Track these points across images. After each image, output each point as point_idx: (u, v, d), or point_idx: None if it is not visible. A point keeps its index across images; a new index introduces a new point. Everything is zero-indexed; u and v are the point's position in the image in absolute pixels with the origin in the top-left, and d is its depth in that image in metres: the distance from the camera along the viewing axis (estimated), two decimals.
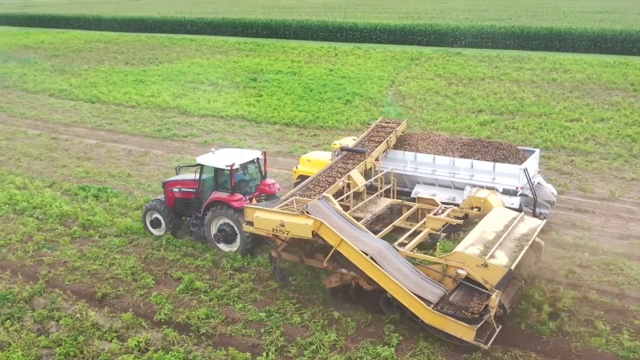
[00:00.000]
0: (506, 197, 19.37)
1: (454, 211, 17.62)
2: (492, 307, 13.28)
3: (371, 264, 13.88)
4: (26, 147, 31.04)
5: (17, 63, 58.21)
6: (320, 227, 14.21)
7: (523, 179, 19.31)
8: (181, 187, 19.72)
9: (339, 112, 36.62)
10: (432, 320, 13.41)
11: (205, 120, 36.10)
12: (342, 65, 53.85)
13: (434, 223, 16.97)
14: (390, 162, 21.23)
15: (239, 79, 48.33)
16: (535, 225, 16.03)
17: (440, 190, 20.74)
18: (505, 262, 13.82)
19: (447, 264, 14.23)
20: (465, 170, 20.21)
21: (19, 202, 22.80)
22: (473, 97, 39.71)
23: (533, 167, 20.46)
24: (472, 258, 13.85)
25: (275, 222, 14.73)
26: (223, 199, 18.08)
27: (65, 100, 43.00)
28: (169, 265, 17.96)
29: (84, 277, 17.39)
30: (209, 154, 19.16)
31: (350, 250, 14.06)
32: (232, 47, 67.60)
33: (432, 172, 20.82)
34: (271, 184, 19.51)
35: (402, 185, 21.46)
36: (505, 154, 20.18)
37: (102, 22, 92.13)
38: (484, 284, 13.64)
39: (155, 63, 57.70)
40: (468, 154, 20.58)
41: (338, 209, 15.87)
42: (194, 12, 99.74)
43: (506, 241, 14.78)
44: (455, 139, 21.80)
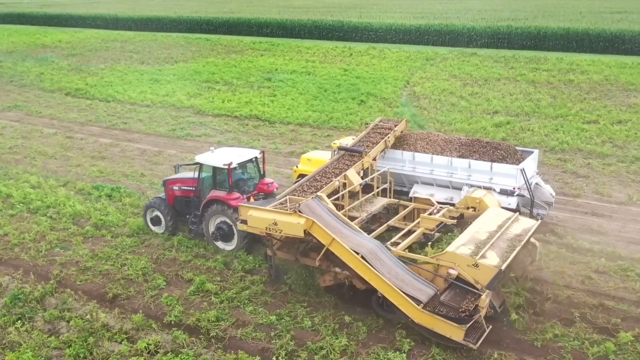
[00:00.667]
0: (503, 197, 19.30)
1: (449, 211, 17.56)
2: (482, 307, 13.31)
3: (362, 263, 13.90)
4: (41, 146, 31.13)
5: (34, 62, 58.57)
6: (312, 226, 14.25)
7: (520, 179, 19.17)
8: (181, 186, 19.87)
9: (353, 113, 36.38)
10: (421, 319, 13.39)
11: (219, 120, 36.02)
12: (356, 65, 53.59)
13: (428, 223, 16.92)
14: (389, 161, 21.17)
15: (254, 78, 48.26)
16: (530, 225, 15.89)
17: (438, 190, 20.69)
18: (496, 262, 13.75)
19: (438, 264, 14.24)
20: (463, 170, 20.15)
21: (33, 201, 22.81)
22: (488, 98, 39.30)
23: (531, 167, 20.34)
24: (463, 258, 13.83)
25: (269, 220, 14.81)
26: (221, 197, 18.15)
27: (81, 99, 43.15)
28: (180, 267, 17.85)
29: (96, 277, 17.33)
30: (208, 153, 19.28)
31: (341, 249, 14.08)
32: (247, 47, 67.60)
33: (430, 172, 20.78)
34: (269, 183, 19.52)
35: (400, 185, 21.50)
36: (503, 155, 20.11)
37: (119, 22, 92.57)
38: (474, 284, 13.63)
39: (171, 62, 57.81)
40: (466, 154, 20.52)
41: (331, 208, 15.86)
42: (209, 11, 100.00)
43: (498, 241, 14.72)
44: (454, 139, 21.71)
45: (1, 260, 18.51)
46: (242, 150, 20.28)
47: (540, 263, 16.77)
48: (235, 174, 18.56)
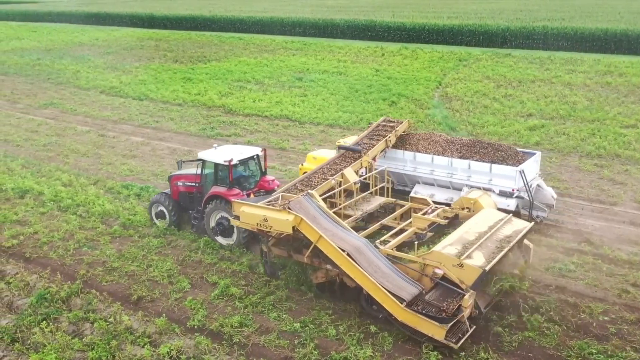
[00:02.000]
0: (502, 198, 19.19)
1: (444, 211, 17.40)
2: (465, 307, 13.29)
3: (347, 260, 14.01)
4: (74, 144, 31.34)
5: (71, 60, 59.31)
6: (300, 223, 14.47)
7: (519, 181, 18.90)
8: (185, 181, 20.21)
9: (383, 114, 35.61)
10: (404, 318, 13.41)
11: (249, 120, 35.84)
12: (388, 65, 52.95)
13: (420, 222, 16.85)
14: (391, 161, 21.27)
15: (285, 78, 48.02)
16: (521, 227, 15.70)
17: (438, 191, 20.61)
18: (481, 262, 13.65)
19: (424, 263, 14.24)
20: (463, 170, 20.06)
21: (64, 199, 22.87)
22: (522, 100, 38.32)
23: (532, 169, 20.13)
24: (449, 258, 13.81)
25: (259, 217, 15.11)
26: (221, 193, 18.44)
27: (115, 97, 43.43)
28: (205, 269, 17.61)
29: (121, 278, 17.20)
30: (211, 150, 19.60)
31: (328, 247, 14.22)
32: (280, 46, 67.42)
33: (430, 172, 20.73)
34: (270, 180, 19.75)
35: (403, 185, 21.60)
36: (504, 156, 19.94)
37: (155, 20, 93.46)
38: (459, 284, 13.59)
39: (204, 61, 57.94)
40: (467, 154, 20.38)
41: (321, 205, 15.90)
42: (243, 10, 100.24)
43: (487, 242, 14.62)
44: (456, 139, 21.62)
45: (30, 258, 18.52)
46: (244, 147, 20.54)
47: (578, 274, 16.10)
48: (236, 171, 18.92)
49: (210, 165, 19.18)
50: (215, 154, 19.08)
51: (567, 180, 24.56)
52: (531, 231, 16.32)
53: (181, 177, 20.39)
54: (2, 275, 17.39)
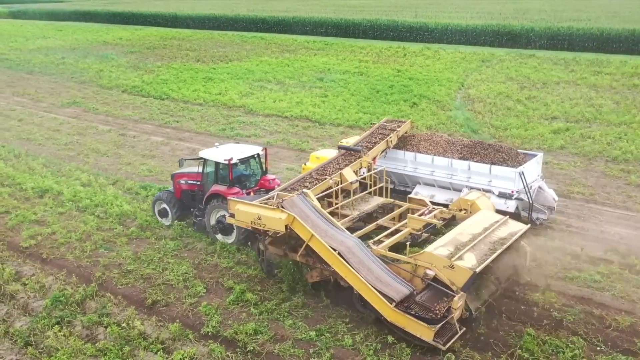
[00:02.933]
0: (502, 200, 19.14)
1: (441, 212, 17.30)
2: (455, 308, 13.21)
3: (338, 259, 14.02)
4: (95, 143, 31.31)
5: (95, 59, 59.62)
6: (293, 222, 14.61)
7: (519, 182, 18.76)
8: (187, 179, 20.37)
9: (404, 116, 35.20)
10: (393, 318, 13.37)
11: (269, 120, 35.54)
12: (410, 66, 52.30)
13: (415, 223, 16.77)
14: (392, 161, 21.34)
15: (306, 78, 47.66)
16: (517, 229, 15.52)
17: (439, 192, 20.56)
18: (472, 264, 13.55)
19: (416, 264, 14.19)
20: (463, 172, 20.00)
21: (82, 199, 22.76)
22: (547, 102, 37.47)
23: (533, 171, 19.96)
24: (440, 259, 13.73)
25: (254, 215, 15.28)
26: (221, 191, 18.55)
27: (137, 96, 43.46)
28: (221, 273, 17.30)
29: (137, 281, 16.97)
30: (212, 148, 19.76)
31: (319, 246, 14.27)
32: (301, 46, 67.08)
33: (430, 172, 20.68)
34: (271, 179, 19.82)
35: (404, 185, 21.64)
36: (504, 157, 19.82)
37: (178, 20, 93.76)
38: (450, 285, 13.48)
39: (225, 61, 57.84)
40: (467, 155, 20.30)
41: (315, 205, 15.87)
42: (266, 10, 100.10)
43: (480, 244, 14.52)
44: (457, 140, 21.56)
45: (47, 259, 18.40)
46: (245, 146, 20.59)
47: None
48: (237, 170, 19.10)
49: (211, 164, 19.34)
50: (216, 152, 19.23)
51: (592, 185, 23.84)
52: (527, 233, 16.05)
53: (183, 175, 20.57)
54: (19, 277, 17.27)
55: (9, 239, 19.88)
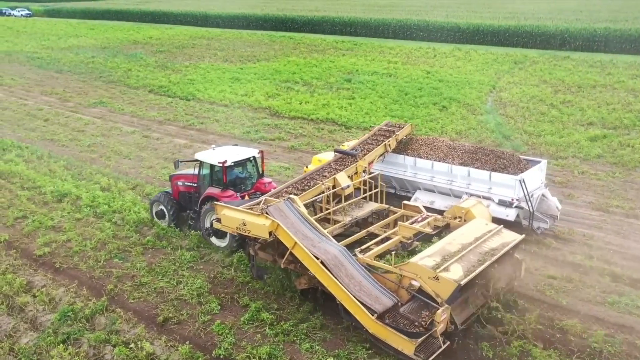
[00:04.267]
0: (502, 208, 18.58)
1: (435, 220, 16.52)
2: (438, 322, 12.58)
3: (321, 268, 13.59)
4: (118, 145, 30.75)
5: (124, 58, 59.46)
6: (277, 229, 14.30)
7: (519, 190, 18.09)
8: (184, 181, 20.09)
9: (433, 120, 34.02)
10: (375, 330, 12.85)
11: (294, 123, 34.61)
12: (440, 67, 50.92)
13: (406, 231, 16.07)
14: (392, 166, 20.92)
15: (333, 79, 46.65)
16: (510, 240, 14.73)
17: (439, 198, 20.03)
18: (457, 276, 12.86)
19: (401, 274, 13.62)
20: (463, 178, 19.46)
21: (101, 204, 22.08)
22: (582, 107, 35.83)
23: (536, 178, 19.26)
24: (424, 269, 13.11)
25: (239, 220, 14.93)
26: (215, 194, 18.23)
27: (163, 96, 42.95)
28: (237, 288, 16.38)
29: (149, 295, 16.16)
30: (208, 150, 19.54)
31: (302, 254, 13.91)
32: (330, 46, 66.11)
33: (430, 178, 20.15)
34: (267, 182, 19.39)
35: (405, 191, 21.14)
36: (506, 164, 19.27)
37: (208, 19, 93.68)
38: (435, 297, 12.92)
39: (253, 61, 57.17)
40: (468, 161, 19.74)
41: (302, 211, 15.48)
42: (295, 9, 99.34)
43: (469, 254, 13.82)
44: (458, 145, 21.00)
45: (60, 269, 17.71)
46: (242, 149, 20.10)
47: None
48: (232, 173, 18.91)
49: (206, 166, 19.08)
50: (212, 154, 18.95)
51: (632, 199, 22.35)
52: (522, 244, 15.25)
53: (181, 176, 20.29)
54: (30, 287, 16.60)
55: (23, 246, 19.28)
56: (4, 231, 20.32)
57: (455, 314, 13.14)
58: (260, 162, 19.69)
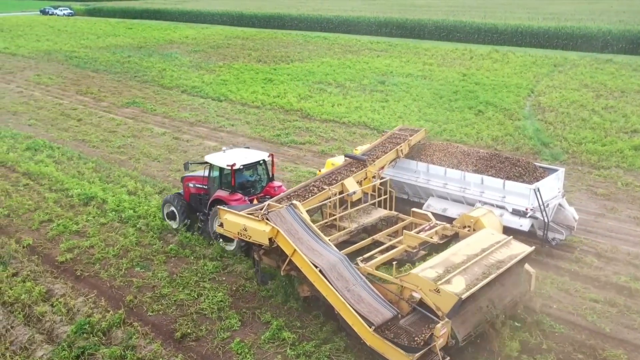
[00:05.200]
0: (515, 218, 17.82)
1: (444, 229, 15.96)
2: (437, 336, 11.98)
3: (319, 276, 13.17)
4: (148, 147, 30.37)
5: (159, 57, 59.48)
6: (277, 235, 14.02)
7: (534, 199, 17.31)
8: (195, 183, 19.92)
9: (469, 125, 32.79)
10: (372, 342, 12.28)
11: (326, 126, 33.78)
12: (476, 69, 49.46)
13: (411, 240, 15.51)
14: (404, 172, 20.37)
15: (367, 81, 45.65)
16: (518, 252, 14.00)
17: (452, 205, 19.29)
18: (459, 289, 12.23)
19: (402, 285, 13.06)
20: (476, 185, 18.73)
21: (126, 209, 21.60)
22: (626, 113, 34.11)
23: (553, 187, 18.43)
24: (426, 281, 12.52)
25: (240, 225, 14.72)
26: (223, 197, 17.99)
27: (196, 97, 42.59)
28: (259, 303, 15.63)
29: (169, 307, 15.52)
30: (219, 153, 19.41)
31: (301, 261, 13.56)
32: (364, 47, 65.07)
33: (443, 185, 19.45)
34: (277, 186, 19.12)
35: (418, 197, 20.50)
36: (521, 172, 18.47)
37: (244, 18, 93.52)
38: (436, 310, 12.35)
39: (287, 61, 56.52)
40: (482, 168, 19.01)
41: (304, 217, 15.02)
42: (331, 9, 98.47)
43: (474, 266, 13.15)
44: (472, 151, 20.22)
45: (81, 277, 17.24)
46: (252, 152, 19.76)
47: None
48: (241, 176, 18.66)
49: (215, 169, 18.86)
50: (221, 157, 18.72)
51: None
52: (530, 256, 14.27)
53: (192, 178, 20.13)
54: (49, 296, 16.12)
55: (46, 251, 18.89)
56: (29, 235, 20.01)
57: (456, 328, 12.47)
58: (271, 166, 19.30)
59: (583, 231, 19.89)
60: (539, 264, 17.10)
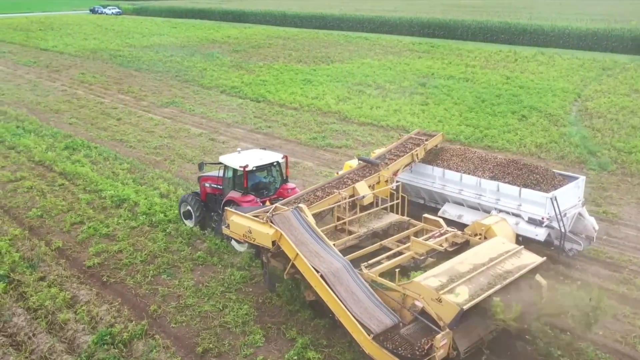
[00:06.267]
0: (531, 227, 17.11)
1: (454, 236, 15.40)
2: (437, 347, 11.49)
3: (320, 282, 12.91)
4: (183, 148, 30.03)
5: (201, 57, 59.46)
6: (280, 238, 13.90)
7: (550, 208, 16.57)
8: (211, 183, 19.84)
9: (511, 130, 31.39)
10: (371, 350, 11.93)
11: (363, 130, 32.86)
12: (521, 72, 47.73)
13: (419, 247, 15.07)
14: (420, 177, 19.86)
15: (407, 83, 44.49)
16: (528, 262, 13.43)
17: (468, 212, 18.62)
18: (462, 299, 11.74)
19: (405, 293, 12.66)
20: (492, 192, 18.08)
21: (157, 213, 21.18)
22: None
23: (573, 196, 17.62)
24: (428, 290, 12.12)
25: (245, 227, 14.62)
26: (235, 198, 17.95)
27: (234, 97, 42.21)
28: (285, 318, 14.91)
29: (193, 319, 14.93)
30: (233, 154, 19.39)
31: (303, 266, 13.35)
32: (406, 48, 63.76)
33: (458, 191, 18.83)
34: (291, 188, 18.87)
35: (435, 202, 19.87)
36: (538, 179, 17.73)
37: (287, 18, 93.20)
38: (437, 320, 11.91)
39: (327, 62, 55.73)
40: (499, 175, 18.30)
41: (309, 221, 14.73)
42: (374, 9, 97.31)
43: (479, 276, 12.65)
44: (490, 157, 19.54)
45: (107, 283, 16.84)
46: (266, 153, 19.54)
47: None
48: (255, 177, 18.61)
49: (229, 170, 18.76)
50: (235, 158, 18.68)
51: None
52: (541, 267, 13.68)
53: (209, 178, 20.08)
54: (74, 302, 15.73)
55: (75, 254, 18.59)
56: (60, 237, 19.77)
57: (458, 339, 11.95)
58: (285, 168, 19.12)
59: (632, 249, 18.57)
60: (582, 283, 15.86)
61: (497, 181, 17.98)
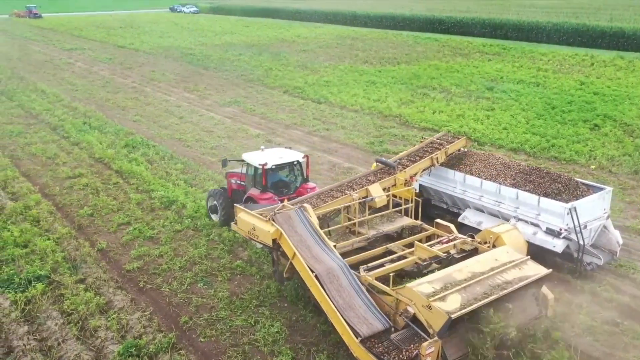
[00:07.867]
0: (549, 237, 16.39)
1: (463, 243, 14.77)
2: (423, 355, 11.06)
3: (314, 281, 12.83)
4: (239, 149, 29.46)
5: (268, 56, 59.28)
6: (280, 237, 13.95)
7: (569, 219, 15.84)
8: (237, 179, 19.95)
9: (581, 141, 29.09)
10: (358, 354, 11.72)
11: (423, 135, 31.29)
12: (596, 77, 44.63)
13: (422, 252, 14.43)
14: (442, 181, 19.40)
15: (474, 87, 42.45)
16: (532, 273, 12.74)
17: (487, 219, 17.96)
18: (451, 308, 11.27)
19: (398, 298, 12.35)
20: (511, 200, 17.43)
21: (202, 216, 20.73)
22: None
23: (596, 207, 16.65)
24: (419, 296, 11.71)
25: (250, 225, 14.71)
26: (254, 195, 18.13)
27: (296, 98, 41.55)
28: (317, 339, 13.95)
29: (222, 334, 14.21)
30: (256, 152, 19.38)
31: (300, 265, 13.36)
32: (476, 50, 61.28)
33: (479, 197, 18.24)
34: (311, 187, 18.79)
35: (457, 207, 19.37)
36: (560, 189, 16.87)
37: (357, 18, 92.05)
38: (427, 327, 11.50)
39: (393, 63, 54.25)
40: (520, 182, 17.57)
41: (312, 221, 14.56)
42: (445, 10, 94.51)
43: (475, 285, 12.11)
44: (513, 164, 18.78)
45: (143, 289, 16.41)
46: (288, 152, 19.60)
47: None
48: (274, 175, 18.70)
49: (251, 167, 18.87)
50: (257, 156, 18.80)
51: None
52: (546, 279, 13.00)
53: (235, 174, 20.18)
54: (107, 308, 15.35)
55: (117, 257, 18.30)
56: (105, 237, 19.59)
57: (448, 348, 11.41)
58: (305, 167, 19.07)
59: None
60: (618, 303, 14.09)
61: (517, 189, 17.27)
